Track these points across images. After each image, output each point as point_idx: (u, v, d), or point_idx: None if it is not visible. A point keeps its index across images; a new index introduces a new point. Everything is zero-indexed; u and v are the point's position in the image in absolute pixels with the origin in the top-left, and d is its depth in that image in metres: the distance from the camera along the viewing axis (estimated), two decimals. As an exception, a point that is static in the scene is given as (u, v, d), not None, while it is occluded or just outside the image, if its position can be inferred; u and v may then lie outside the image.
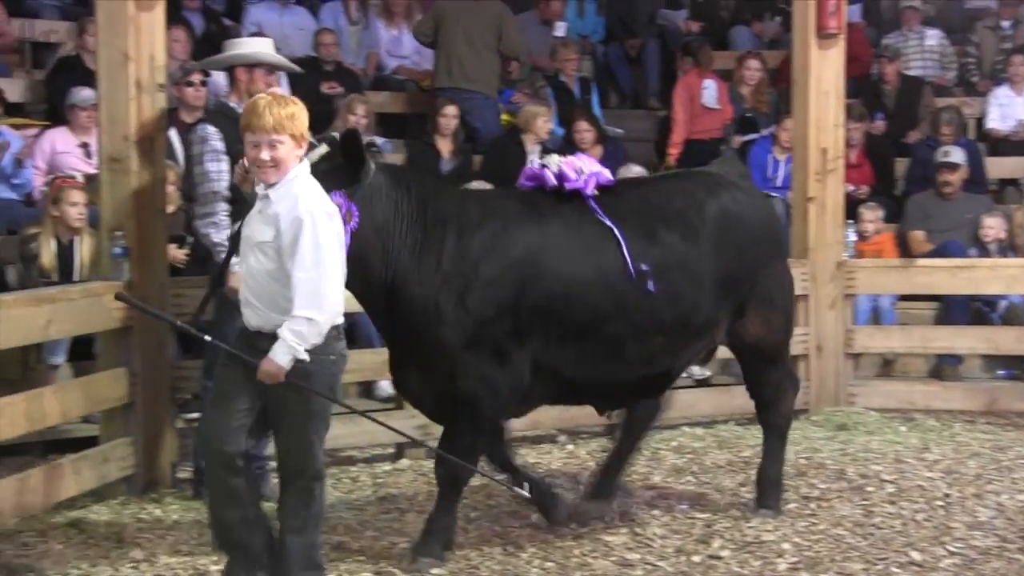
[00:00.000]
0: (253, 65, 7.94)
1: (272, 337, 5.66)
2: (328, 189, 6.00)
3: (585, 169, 6.86)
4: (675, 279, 6.72)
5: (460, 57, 13.00)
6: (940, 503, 8.11)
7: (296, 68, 9.43)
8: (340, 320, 5.87)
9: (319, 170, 6.10)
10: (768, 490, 7.71)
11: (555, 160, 6.92)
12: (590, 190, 6.82)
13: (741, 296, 7.29)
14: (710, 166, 9.87)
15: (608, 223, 6.67)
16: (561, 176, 6.76)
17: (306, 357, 5.64)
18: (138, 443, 8.41)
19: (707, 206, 7.10)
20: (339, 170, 6.29)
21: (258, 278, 5.82)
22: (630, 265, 6.44)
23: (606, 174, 7.03)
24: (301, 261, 5.55)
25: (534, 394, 6.91)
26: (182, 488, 8.39)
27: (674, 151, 13.24)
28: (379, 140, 9.47)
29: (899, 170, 13.03)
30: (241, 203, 6.70)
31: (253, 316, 5.87)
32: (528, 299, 6.50)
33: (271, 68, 8.03)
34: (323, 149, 6.36)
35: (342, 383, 6.55)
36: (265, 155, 5.68)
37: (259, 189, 5.86)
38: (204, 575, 6.87)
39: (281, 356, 5.57)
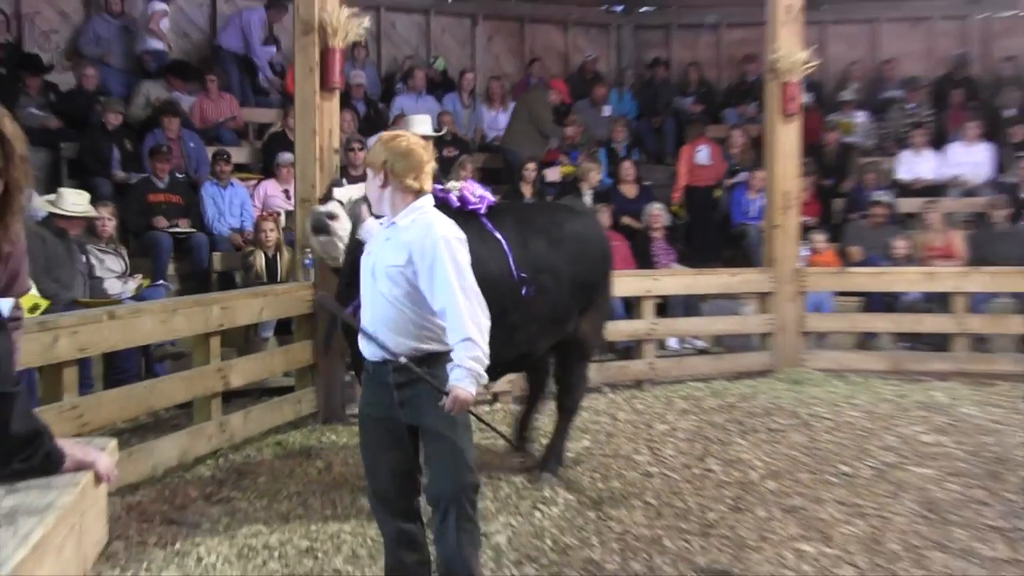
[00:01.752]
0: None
1: (400, 367, 4.37)
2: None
3: (478, 193, 6.58)
4: (544, 280, 6.42)
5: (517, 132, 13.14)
6: (861, 433, 8.11)
7: (436, 134, 9.54)
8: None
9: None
10: (552, 458, 7.09)
11: (455, 186, 6.57)
12: (483, 209, 6.51)
13: (585, 300, 6.92)
14: (564, 200, 9.92)
15: (498, 236, 6.37)
16: (463, 199, 6.43)
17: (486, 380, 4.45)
18: (320, 391, 8.55)
19: (565, 225, 6.83)
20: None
21: (387, 304, 4.41)
22: (514, 269, 6.17)
23: (490, 197, 6.70)
24: (442, 284, 4.29)
25: None
26: (350, 422, 8.41)
27: (676, 195, 13.31)
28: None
29: (836, 206, 12.90)
30: None
31: (387, 342, 4.40)
32: None
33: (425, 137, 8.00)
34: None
35: None
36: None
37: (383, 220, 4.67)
38: (364, 477, 6.95)
39: (469, 383, 4.24)
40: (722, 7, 16.42)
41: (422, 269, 4.31)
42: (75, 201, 8.63)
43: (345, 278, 5.99)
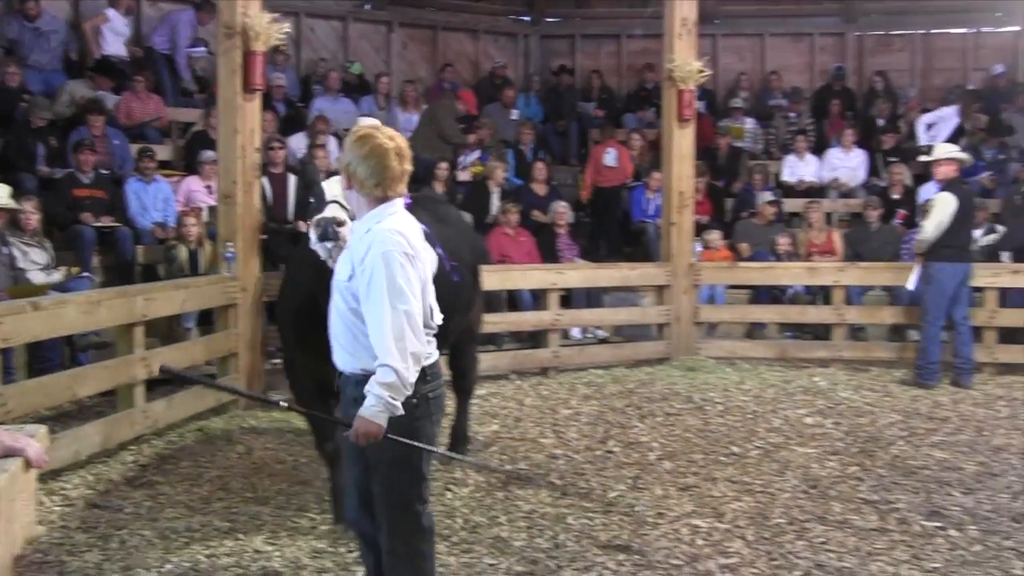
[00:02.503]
0: None
1: (360, 381, 3.80)
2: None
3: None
4: (460, 268, 6.09)
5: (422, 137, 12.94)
6: (750, 416, 8.17)
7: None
8: (428, 361, 3.89)
9: None
10: (459, 440, 7.01)
11: None
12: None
13: (477, 286, 6.87)
14: (424, 191, 9.85)
15: (423, 227, 6.09)
16: None
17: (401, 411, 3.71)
18: (240, 378, 8.35)
19: (461, 216, 6.72)
20: None
21: (337, 317, 3.95)
22: (446, 261, 5.83)
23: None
24: (374, 303, 3.72)
25: None
26: (268, 408, 8.23)
27: (585, 193, 13.28)
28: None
29: (728, 205, 13.02)
30: None
31: (338, 358, 4.00)
32: None
33: None
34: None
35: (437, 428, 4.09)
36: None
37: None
38: (283, 462, 6.86)
39: (378, 413, 3.65)
40: (623, 20, 16.48)
41: (361, 286, 3.77)
42: (-6, 194, 8.39)
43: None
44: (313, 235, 4.32)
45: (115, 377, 7.11)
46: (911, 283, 9.75)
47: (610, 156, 13.29)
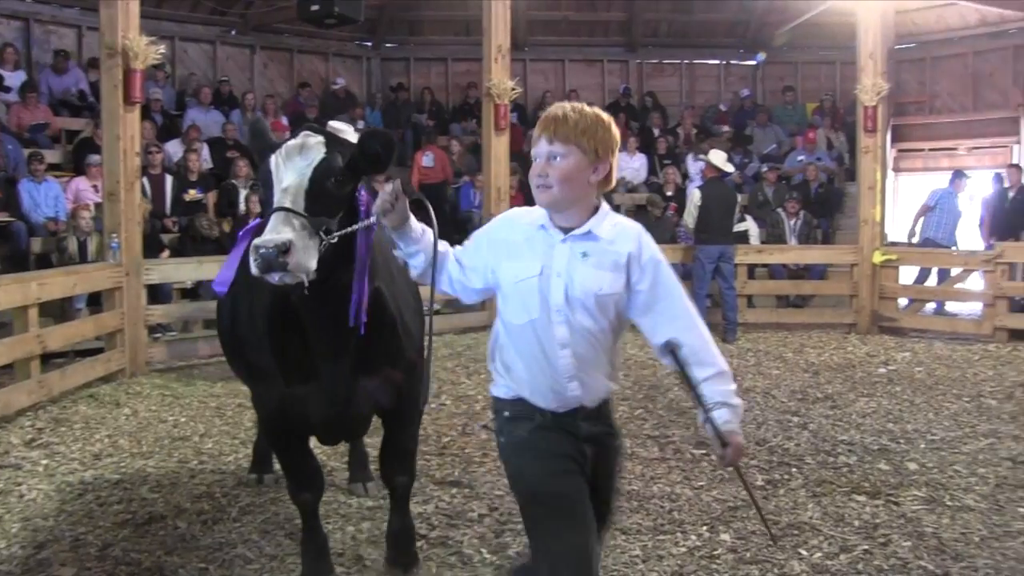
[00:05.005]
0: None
1: (591, 414, 2.62)
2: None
3: None
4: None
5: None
6: None
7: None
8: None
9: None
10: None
11: None
12: None
13: None
14: None
15: None
16: None
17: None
18: (126, 351, 8.01)
19: None
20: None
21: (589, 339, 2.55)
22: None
23: None
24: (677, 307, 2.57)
25: None
26: (151, 376, 7.98)
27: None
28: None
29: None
30: None
31: (584, 388, 2.58)
32: None
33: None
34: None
35: None
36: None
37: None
38: (164, 421, 6.59)
39: (737, 426, 2.55)
40: (450, 45, 16.44)
41: (642, 291, 2.56)
42: None
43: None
44: (252, 266, 2.70)
45: (12, 353, 6.73)
46: None
47: (428, 159, 13.43)
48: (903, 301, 11.14)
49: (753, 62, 16.59)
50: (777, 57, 16.29)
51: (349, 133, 3.20)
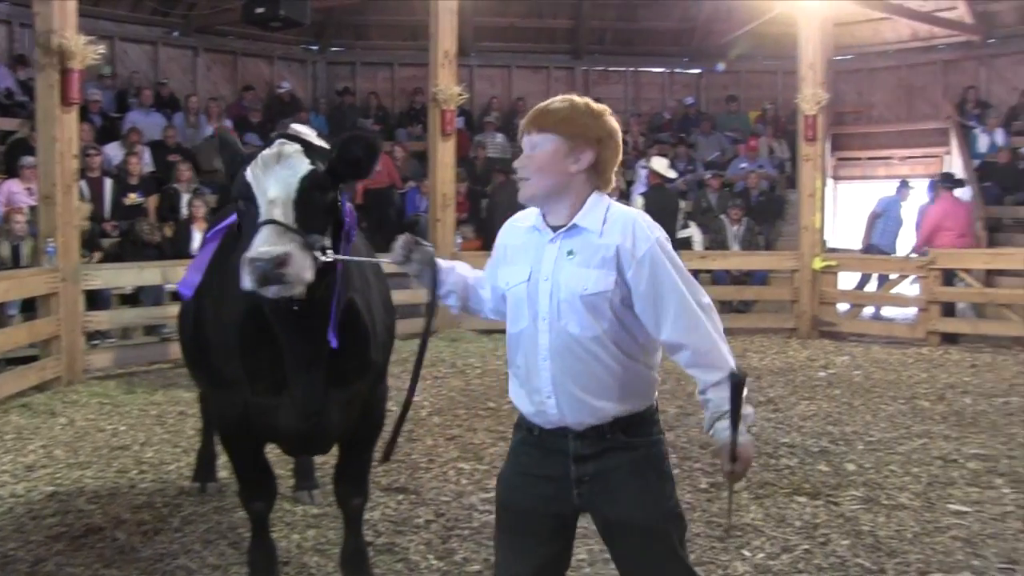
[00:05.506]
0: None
1: (589, 433, 2.36)
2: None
3: None
4: None
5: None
6: (503, 376, 8.00)
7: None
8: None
9: None
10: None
11: None
12: None
13: None
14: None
15: None
16: None
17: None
18: (62, 358, 7.80)
19: None
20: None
21: (576, 351, 2.33)
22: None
23: None
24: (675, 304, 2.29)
25: None
26: (89, 384, 7.79)
27: (358, 195, 12.88)
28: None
29: (483, 205, 13.12)
30: None
31: (575, 409, 2.34)
32: None
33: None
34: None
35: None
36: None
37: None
38: (103, 430, 6.42)
39: (747, 435, 2.28)
40: (396, 50, 16.34)
41: (637, 288, 2.29)
42: None
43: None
44: (247, 279, 2.59)
45: (-57, 359, 6.51)
46: None
47: (375, 163, 13.25)
48: (843, 306, 11.33)
49: (706, 71, 16.86)
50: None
51: (312, 137, 3.11)
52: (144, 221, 10.22)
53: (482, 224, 12.36)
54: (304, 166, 2.87)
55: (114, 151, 11.51)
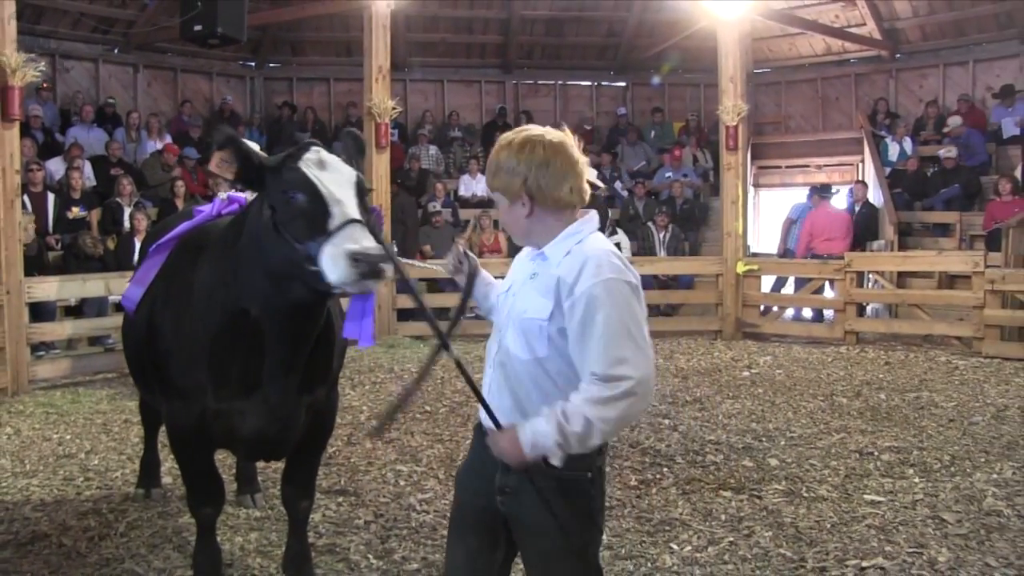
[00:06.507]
0: None
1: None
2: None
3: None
4: None
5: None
6: (438, 381, 8.09)
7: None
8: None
9: None
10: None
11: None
12: None
13: None
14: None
15: None
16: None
17: (557, 460, 2.26)
18: (7, 370, 7.67)
19: None
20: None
21: (513, 370, 2.37)
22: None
23: None
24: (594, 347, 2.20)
25: None
26: (35, 394, 7.64)
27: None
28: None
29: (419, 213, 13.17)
30: None
31: (499, 415, 2.36)
32: None
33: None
34: None
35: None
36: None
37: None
38: (49, 440, 6.32)
39: (545, 437, 2.17)
40: (332, 66, 16.30)
41: (571, 323, 2.23)
42: None
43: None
44: (345, 272, 2.62)
45: None
46: None
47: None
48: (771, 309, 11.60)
49: (632, 83, 17.07)
50: (645, 79, 16.77)
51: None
52: (87, 234, 10.08)
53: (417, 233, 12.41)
54: (353, 171, 2.92)
55: (56, 166, 11.33)
